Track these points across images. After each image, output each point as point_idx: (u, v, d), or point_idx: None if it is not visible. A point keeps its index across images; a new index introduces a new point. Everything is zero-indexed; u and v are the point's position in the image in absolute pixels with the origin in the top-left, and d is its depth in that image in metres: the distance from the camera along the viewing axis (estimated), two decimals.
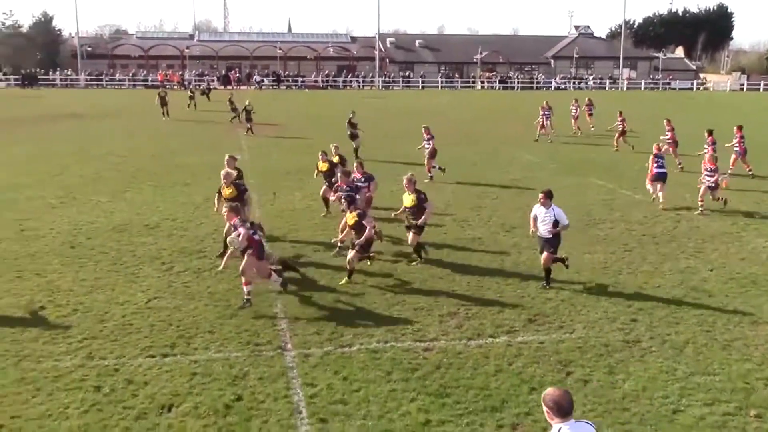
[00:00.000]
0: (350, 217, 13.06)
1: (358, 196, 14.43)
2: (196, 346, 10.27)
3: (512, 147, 32.63)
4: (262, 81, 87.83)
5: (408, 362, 9.72)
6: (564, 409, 5.15)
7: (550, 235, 12.53)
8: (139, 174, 24.30)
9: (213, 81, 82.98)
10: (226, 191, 14.51)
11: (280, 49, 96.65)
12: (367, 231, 12.68)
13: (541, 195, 12.68)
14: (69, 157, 28.25)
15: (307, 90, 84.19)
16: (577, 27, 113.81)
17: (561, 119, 38.64)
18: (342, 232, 14.49)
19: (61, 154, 29.10)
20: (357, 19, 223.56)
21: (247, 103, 37.98)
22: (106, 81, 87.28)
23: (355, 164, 16.80)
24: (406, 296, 12.33)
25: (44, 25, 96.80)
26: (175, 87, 77.16)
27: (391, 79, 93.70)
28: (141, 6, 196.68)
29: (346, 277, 12.89)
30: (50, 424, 8.12)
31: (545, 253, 12.59)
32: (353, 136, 28.26)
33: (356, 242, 12.81)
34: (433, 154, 23.77)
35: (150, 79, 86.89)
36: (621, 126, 31.87)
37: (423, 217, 13.99)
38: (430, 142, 23.83)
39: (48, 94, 70.18)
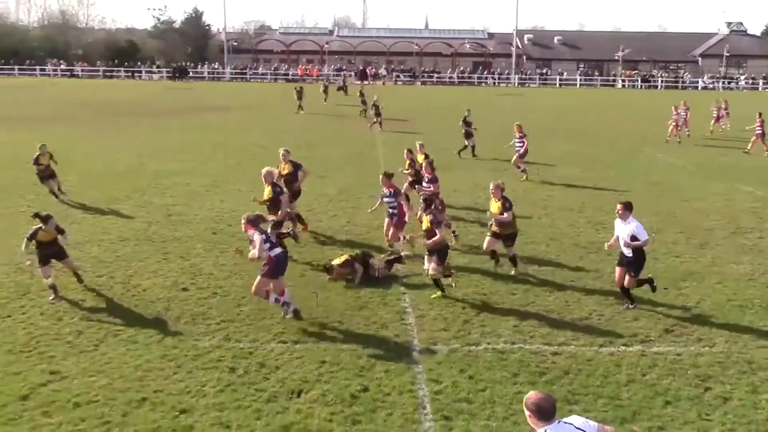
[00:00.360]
0: (424, 222, 12.14)
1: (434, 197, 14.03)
2: (326, 335, 10.53)
3: (653, 148, 31.36)
4: (399, 77, 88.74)
5: (536, 365, 9.55)
6: (546, 412, 5.01)
7: (630, 254, 11.32)
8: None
9: (350, 76, 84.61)
10: (264, 191, 14.27)
11: (416, 45, 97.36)
12: (435, 237, 11.78)
13: (619, 206, 11.42)
14: (214, 147, 29.62)
15: (441, 86, 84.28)
16: (728, 24, 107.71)
17: (703, 121, 36.78)
18: (387, 235, 14.54)
19: (206, 144, 30.57)
20: (495, 15, 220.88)
21: (375, 98, 38.56)
22: (250, 74, 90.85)
23: (424, 164, 16.53)
24: (536, 298, 12.11)
25: (195, 20, 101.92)
26: (314, 81, 79.25)
27: (527, 77, 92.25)
28: (284, 2, 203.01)
29: (439, 291, 12.09)
30: (188, 400, 8.57)
31: (627, 278, 11.44)
32: (467, 135, 28.04)
33: (427, 248, 12.02)
34: (524, 154, 23.28)
35: (290, 73, 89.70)
36: (760, 128, 30.01)
37: (498, 219, 12.99)
38: (523, 140, 23.24)
39: (196, 87, 73.90)
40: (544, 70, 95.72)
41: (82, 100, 53.20)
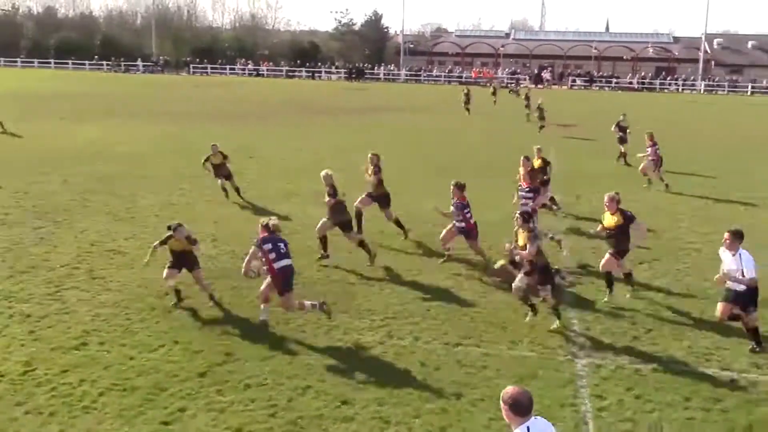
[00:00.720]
0: (521, 236, 10.98)
1: (533, 212, 12.87)
2: (488, 339, 10.45)
3: None
4: (574, 81, 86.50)
5: (710, 391, 8.95)
6: (523, 407, 5.01)
7: (741, 287, 9.82)
8: (444, 168, 25.26)
9: (525, 79, 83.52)
10: (326, 196, 13.95)
11: (595, 48, 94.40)
12: (526, 251, 10.69)
13: (727, 235, 9.95)
14: (382, 147, 30.18)
15: (620, 91, 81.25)
16: None
17: None
18: (444, 242, 13.82)
19: (379, 144, 31.21)
20: (681, 18, 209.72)
21: (540, 101, 37.70)
22: (424, 76, 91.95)
23: (522, 173, 15.65)
24: (714, 319, 11.34)
25: (374, 23, 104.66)
26: (487, 84, 78.96)
27: (715, 83, 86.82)
28: (462, 5, 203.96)
29: (557, 321, 10.81)
30: (350, 392, 8.79)
31: (745, 315, 9.90)
32: (621, 141, 26.73)
33: (523, 266, 10.97)
34: (658, 163, 22.16)
35: (464, 75, 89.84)
36: None
37: (635, 241, 11.80)
38: (653, 150, 22.16)
39: (371, 87, 75.82)
40: (734, 77, 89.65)
41: (266, 99, 56.11)
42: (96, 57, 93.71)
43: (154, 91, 59.81)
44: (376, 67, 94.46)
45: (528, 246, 10.72)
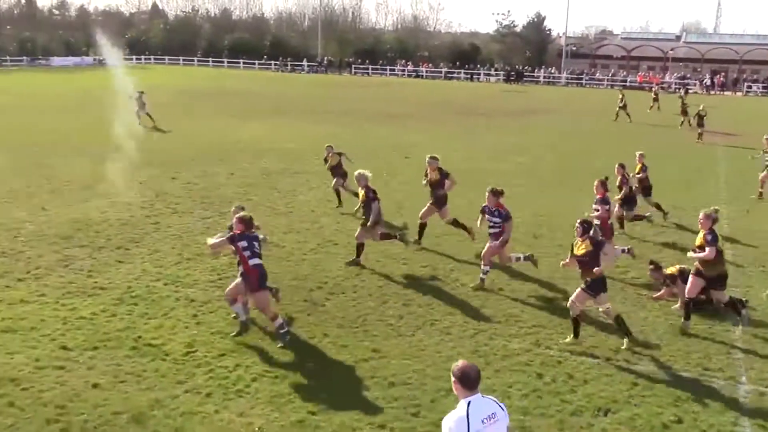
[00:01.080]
0: (579, 247, 10.21)
1: (596, 221, 11.84)
2: (641, 356, 10.02)
3: None
4: (750, 87, 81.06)
5: None
6: (471, 380, 5.15)
7: None
8: (599, 173, 24.40)
9: (695, 85, 79.24)
10: (360, 194, 13.82)
11: None
12: (599, 269, 9.96)
13: None
14: (540, 149, 29.69)
15: None
16: None
17: None
18: (483, 258, 12.71)
19: (533, 146, 30.74)
20: None
21: (700, 107, 35.45)
22: (586, 80, 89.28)
23: (596, 183, 14.28)
24: None
25: (536, 25, 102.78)
26: (651, 89, 75.51)
27: None
28: (629, 7, 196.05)
29: (571, 335, 10.34)
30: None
31: None
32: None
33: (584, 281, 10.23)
34: None
35: (629, 80, 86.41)
36: None
37: (696, 256, 10.74)
38: None
39: (530, 90, 74.61)
40: None
41: (425, 100, 56.57)
42: (265, 57, 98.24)
43: (318, 91, 61.88)
44: (536, 70, 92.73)
45: (600, 254, 10.01)
